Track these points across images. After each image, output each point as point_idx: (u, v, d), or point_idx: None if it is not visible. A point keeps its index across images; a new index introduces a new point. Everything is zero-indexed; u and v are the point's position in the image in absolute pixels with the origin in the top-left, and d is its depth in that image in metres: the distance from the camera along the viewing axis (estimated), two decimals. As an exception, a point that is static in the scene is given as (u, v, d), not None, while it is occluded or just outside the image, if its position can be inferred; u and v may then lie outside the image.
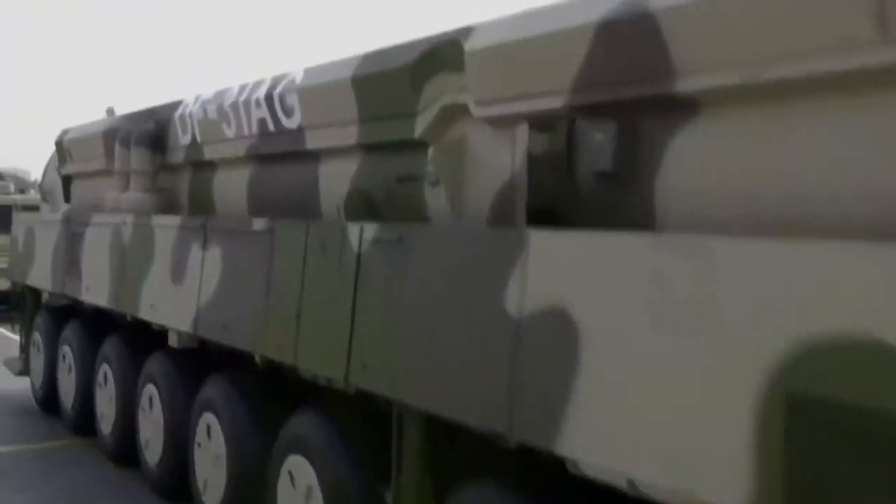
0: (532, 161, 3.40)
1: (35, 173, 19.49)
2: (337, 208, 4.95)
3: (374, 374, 3.80)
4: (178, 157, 6.85)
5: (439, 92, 4.02)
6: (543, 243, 2.92)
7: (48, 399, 9.59)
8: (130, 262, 6.67)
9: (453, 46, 3.84)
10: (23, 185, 20.97)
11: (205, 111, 6.08)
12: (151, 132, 6.97)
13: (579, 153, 3.25)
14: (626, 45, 2.92)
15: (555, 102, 3.26)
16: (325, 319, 4.20)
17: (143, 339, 6.87)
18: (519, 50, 3.41)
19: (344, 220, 4.75)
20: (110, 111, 8.80)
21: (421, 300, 3.55)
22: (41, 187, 11.80)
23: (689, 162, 2.88)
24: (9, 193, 19.47)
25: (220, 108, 5.84)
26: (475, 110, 3.75)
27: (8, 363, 10.89)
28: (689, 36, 2.66)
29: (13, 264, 10.64)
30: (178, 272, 5.80)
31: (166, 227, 6.18)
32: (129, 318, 6.86)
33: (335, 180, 5.01)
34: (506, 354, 2.98)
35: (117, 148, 7.31)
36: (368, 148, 4.72)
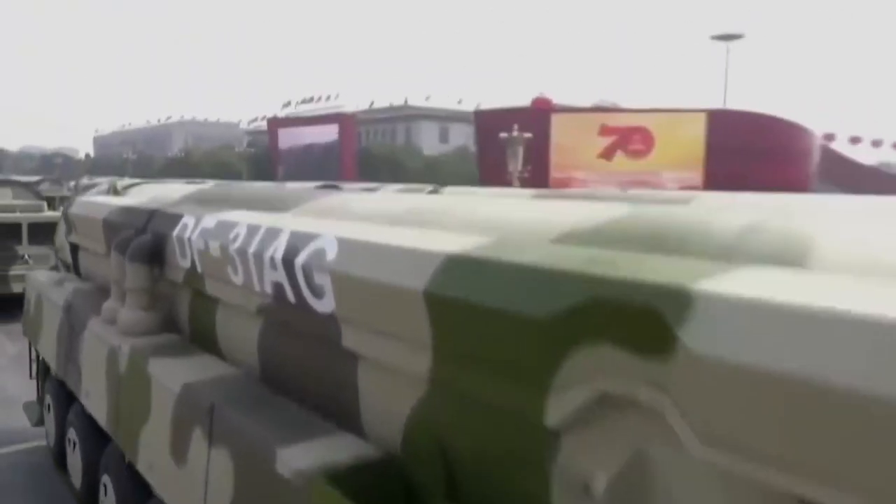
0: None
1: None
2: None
3: None
4: (177, 275, 5.93)
5: (598, 370, 2.40)
6: None
7: (61, 455, 9.09)
8: (126, 399, 5.65)
9: (647, 317, 2.18)
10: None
11: (206, 244, 4.90)
12: (148, 247, 6.24)
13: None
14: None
15: None
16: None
17: None
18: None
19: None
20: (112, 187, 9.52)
21: None
22: (55, 244, 11.98)
23: None
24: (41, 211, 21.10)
25: (223, 249, 4.58)
26: (695, 446, 2.09)
27: (27, 409, 10.70)
28: None
29: (26, 322, 10.40)
30: (179, 452, 4.55)
31: (165, 388, 4.84)
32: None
33: (387, 400, 3.54)
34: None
35: (114, 254, 6.64)
36: (448, 384, 3.19)
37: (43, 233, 17.59)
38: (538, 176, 76.72)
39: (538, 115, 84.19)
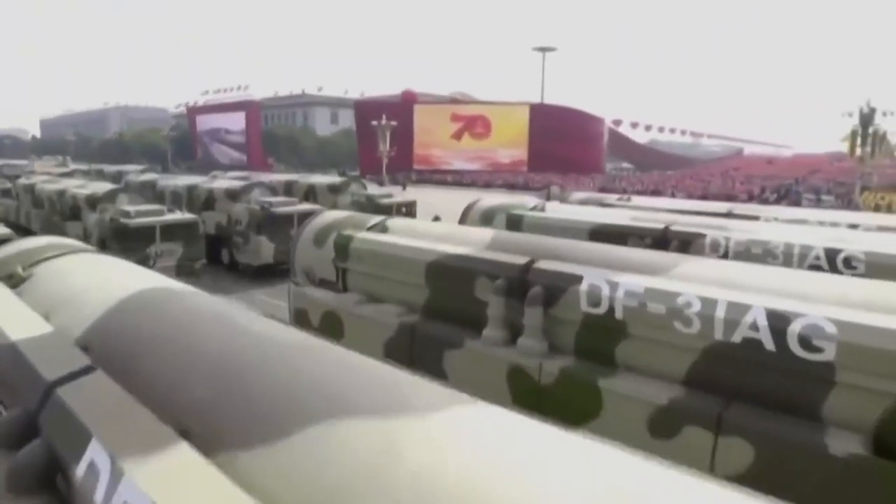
0: None
1: None
2: None
3: None
4: (575, 315, 5.97)
5: None
6: None
7: None
8: (554, 405, 5.60)
9: None
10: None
11: (642, 304, 5.18)
12: (542, 296, 6.27)
13: None
14: None
15: None
16: None
17: None
18: None
19: None
20: None
21: None
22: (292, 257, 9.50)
23: None
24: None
25: (670, 310, 4.89)
26: None
27: None
28: None
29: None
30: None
31: (632, 397, 4.94)
32: None
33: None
34: None
35: (495, 297, 6.55)
36: None
37: None
38: (403, 156, 78.67)
39: (404, 105, 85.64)
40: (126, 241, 15.94)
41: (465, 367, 6.93)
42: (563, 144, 76.18)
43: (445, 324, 7.40)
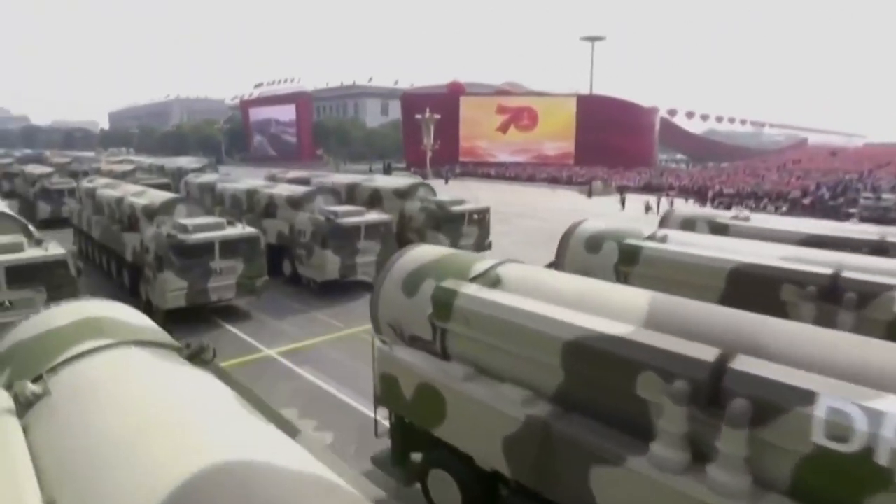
0: None
1: None
2: None
3: None
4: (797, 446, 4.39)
5: None
6: None
7: None
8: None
9: None
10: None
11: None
12: (748, 413, 4.50)
13: None
14: None
15: None
16: None
17: None
18: None
19: None
20: None
21: None
22: (376, 312, 8.44)
23: None
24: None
25: None
26: None
27: (378, 462, 8.21)
28: None
29: (393, 398, 7.78)
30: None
31: None
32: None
33: None
34: None
35: (685, 411, 4.74)
36: None
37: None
38: (448, 148, 76.59)
39: (450, 97, 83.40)
40: (183, 258, 14.33)
41: (625, 496, 5.10)
42: (612, 136, 73.00)
43: (591, 425, 5.55)
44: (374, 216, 17.87)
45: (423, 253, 8.63)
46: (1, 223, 14.76)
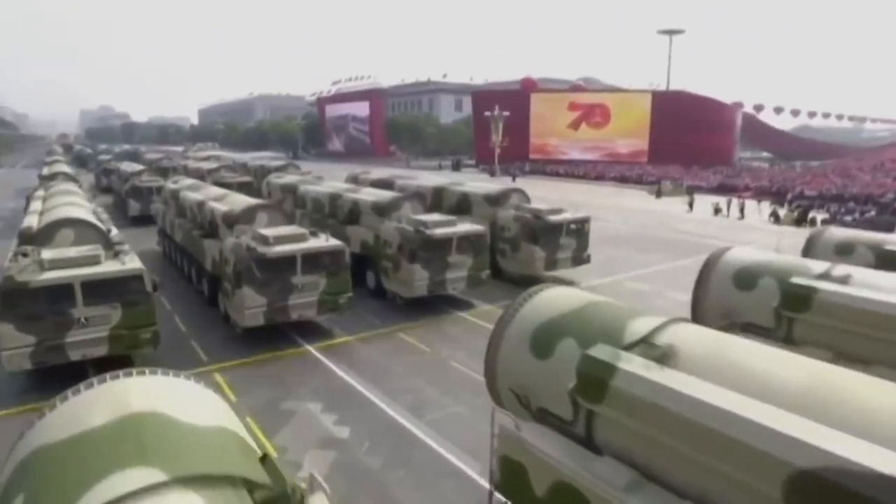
0: None
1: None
2: None
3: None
4: None
5: None
6: None
7: None
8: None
9: None
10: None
11: None
12: None
13: None
14: None
15: None
16: None
17: None
18: None
19: None
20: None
21: None
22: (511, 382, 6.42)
23: None
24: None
25: None
26: None
27: None
28: None
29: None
30: None
31: None
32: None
33: None
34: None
35: None
36: None
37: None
38: (519, 145, 73.89)
39: (521, 94, 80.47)
40: (263, 273, 12.70)
41: None
42: (688, 134, 68.49)
43: None
44: (466, 227, 15.76)
45: (556, 299, 6.53)
46: (80, 231, 13.64)
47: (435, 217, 16.00)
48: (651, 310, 6.33)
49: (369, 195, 18.26)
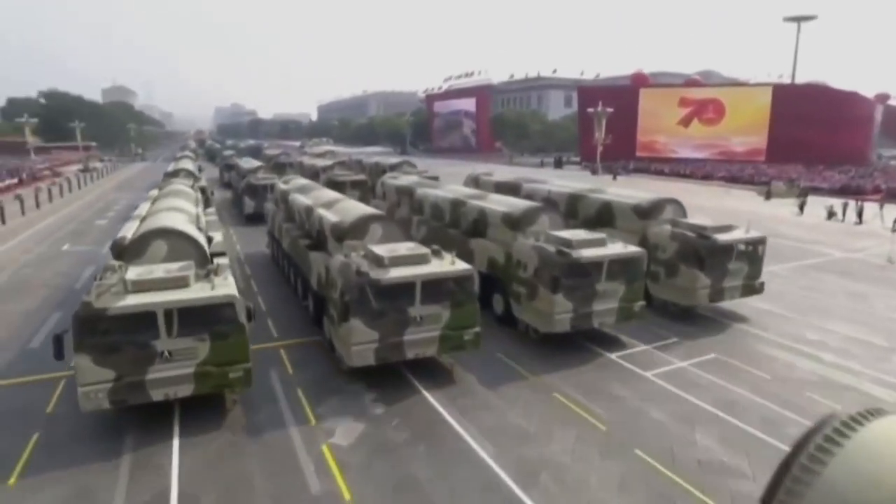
0: None
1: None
2: None
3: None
4: None
5: None
6: None
7: None
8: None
9: None
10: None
11: None
12: None
13: None
14: None
15: None
16: None
17: None
18: None
19: None
20: None
21: None
22: None
23: None
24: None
25: None
26: None
27: None
28: None
29: None
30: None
31: None
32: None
33: None
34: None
35: None
36: None
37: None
38: (625, 143, 67.97)
39: (629, 89, 74.17)
40: (377, 302, 9.77)
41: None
42: (814, 131, 59.95)
43: None
44: (619, 248, 12.03)
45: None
46: (175, 243, 11.03)
47: (580, 235, 12.31)
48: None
49: (499, 204, 14.66)
